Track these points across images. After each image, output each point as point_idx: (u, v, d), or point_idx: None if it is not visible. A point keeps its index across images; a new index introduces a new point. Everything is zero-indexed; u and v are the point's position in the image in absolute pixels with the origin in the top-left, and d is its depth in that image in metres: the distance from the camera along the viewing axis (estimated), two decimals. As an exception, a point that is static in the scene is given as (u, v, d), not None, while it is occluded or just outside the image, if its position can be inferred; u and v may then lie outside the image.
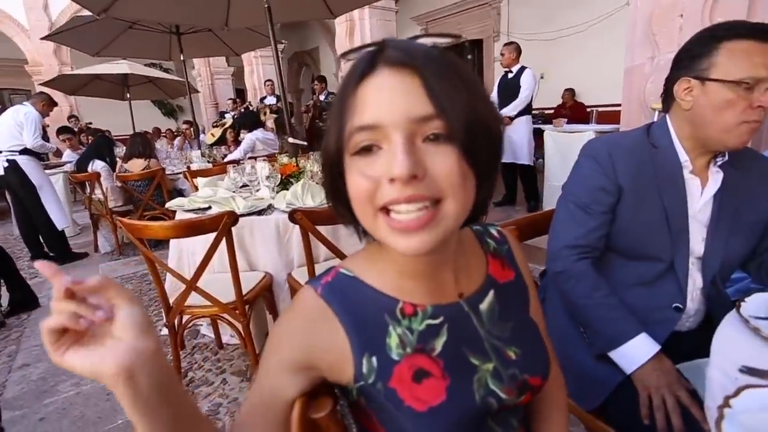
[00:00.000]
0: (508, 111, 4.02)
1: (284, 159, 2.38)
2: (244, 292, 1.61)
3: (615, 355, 0.87)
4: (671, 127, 0.91)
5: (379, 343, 0.49)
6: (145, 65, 6.19)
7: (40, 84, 5.75)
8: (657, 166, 0.90)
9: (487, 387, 0.51)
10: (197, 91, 8.53)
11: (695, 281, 0.92)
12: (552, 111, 6.52)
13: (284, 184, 2.15)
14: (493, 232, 0.63)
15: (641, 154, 0.92)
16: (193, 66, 9.52)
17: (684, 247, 0.89)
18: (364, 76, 0.42)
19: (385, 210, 0.41)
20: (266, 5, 2.64)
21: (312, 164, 2.29)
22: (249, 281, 1.73)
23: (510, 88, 4.07)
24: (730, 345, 0.75)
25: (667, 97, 0.91)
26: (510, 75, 4.12)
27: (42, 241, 3.72)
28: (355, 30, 5.52)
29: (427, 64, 0.41)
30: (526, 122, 4.13)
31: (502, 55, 4.15)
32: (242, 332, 1.67)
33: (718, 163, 0.89)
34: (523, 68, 4.04)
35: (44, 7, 7.43)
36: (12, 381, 2.03)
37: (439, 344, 0.50)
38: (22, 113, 3.46)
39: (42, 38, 4.69)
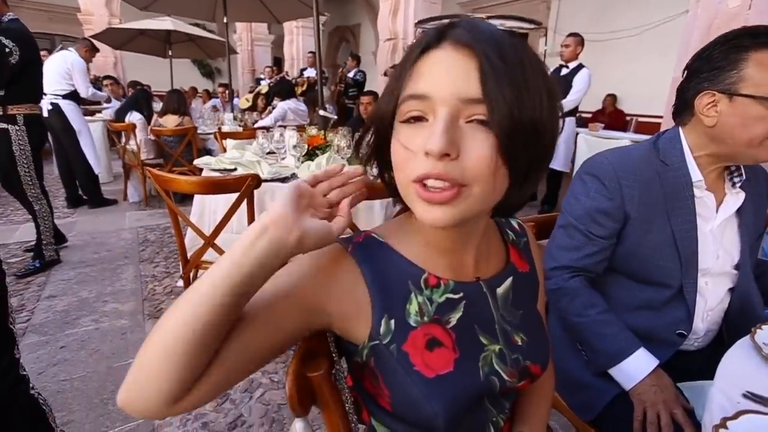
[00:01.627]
0: None
1: (313, 130, 2.40)
2: (259, 255, 1.66)
3: (613, 371, 0.85)
4: (685, 142, 0.86)
5: (399, 307, 0.50)
6: (189, 24, 6.27)
7: (90, 37, 5.91)
8: (666, 185, 0.85)
9: (492, 366, 0.53)
10: (236, 53, 8.59)
11: (707, 301, 0.89)
12: (591, 115, 6.31)
13: (310, 155, 2.18)
14: (514, 224, 0.65)
15: (648, 172, 0.87)
16: (235, 30, 9.58)
17: (693, 270, 0.86)
18: (428, 48, 0.44)
19: (418, 181, 0.43)
20: (313, -26, 2.63)
21: (339, 138, 2.31)
22: (265, 245, 1.78)
23: (561, 85, 3.69)
24: (738, 369, 0.74)
25: (684, 110, 0.86)
26: (564, 70, 3.77)
27: (77, 183, 3.89)
28: (399, 10, 5.42)
29: (489, 49, 0.41)
30: (569, 124, 3.80)
31: (564, 46, 3.75)
32: (253, 293, 1.72)
33: (738, 184, 0.86)
34: (580, 66, 3.69)
35: (100, -44, 7.57)
36: (39, 309, 2.16)
37: (454, 318, 0.52)
38: (69, 61, 3.59)
39: (94, -13, 4.80)
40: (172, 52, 6.17)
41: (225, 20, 4.59)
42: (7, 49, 2.13)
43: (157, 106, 4.63)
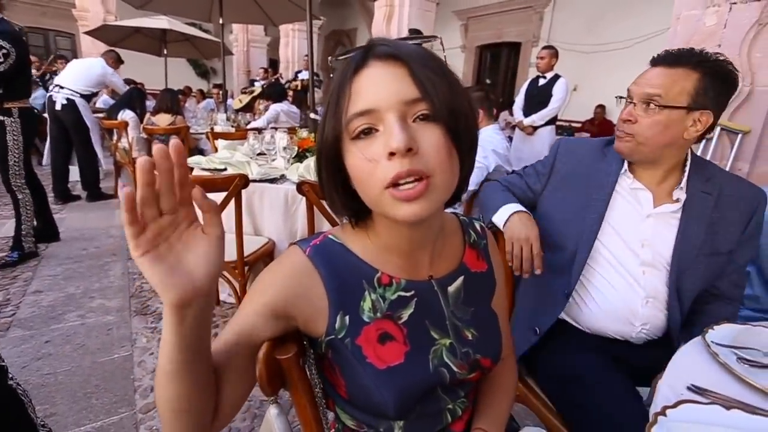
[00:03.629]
0: (536, 120, 3.90)
1: (303, 133, 2.44)
2: (246, 254, 1.69)
3: (495, 219, 1.05)
4: None
5: (354, 304, 0.55)
6: (185, 24, 6.28)
7: (85, 33, 5.90)
8: (596, 168, 1.03)
9: (442, 359, 0.57)
10: (231, 54, 8.61)
11: (645, 289, 0.98)
12: (580, 125, 6.42)
13: (300, 157, 2.21)
14: (477, 225, 0.68)
15: (587, 157, 1.06)
16: (231, 31, 9.60)
17: (591, 238, 1.01)
18: (357, 69, 0.48)
19: (392, 185, 0.46)
20: (307, -21, 2.68)
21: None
22: (252, 244, 1.81)
23: (540, 95, 3.94)
24: (686, 365, 0.79)
25: None
26: (542, 81, 3.97)
27: (79, 178, 4.00)
28: (394, 16, 5.50)
29: (412, 56, 0.47)
30: (549, 133, 3.97)
31: (540, 58, 3.98)
32: (239, 291, 1.75)
33: (675, 196, 0.97)
34: (557, 76, 3.89)
35: (96, -47, 7.55)
36: (25, 304, 2.17)
37: (406, 314, 0.57)
38: (103, 70, 3.87)
39: (90, -16, 4.81)
40: (167, 50, 6.17)
41: (221, 21, 4.62)
42: (4, 51, 2.18)
43: (151, 104, 4.65)
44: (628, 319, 0.98)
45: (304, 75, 6.74)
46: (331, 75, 6.08)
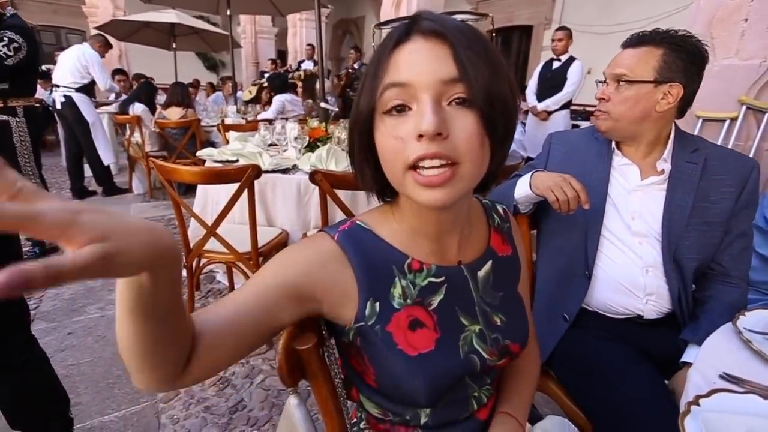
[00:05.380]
0: (550, 105, 3.81)
1: (314, 122, 2.42)
2: (259, 245, 1.69)
3: (517, 195, 1.02)
4: None
5: (384, 290, 0.53)
6: (193, 17, 6.27)
7: (95, 28, 5.94)
8: (590, 150, 1.07)
9: (472, 345, 0.56)
10: (239, 46, 8.60)
11: (642, 257, 0.99)
12: (595, 108, 6.27)
13: (311, 147, 2.20)
14: (499, 209, 0.67)
15: (579, 142, 1.12)
16: (239, 23, 9.56)
17: (599, 219, 1.02)
18: (399, 42, 0.46)
19: (414, 167, 0.45)
20: (315, -34, 2.63)
21: (340, 130, 2.33)
22: (266, 235, 1.81)
23: (555, 78, 3.82)
24: (717, 352, 0.76)
25: None
26: (556, 64, 3.86)
27: (92, 174, 4.02)
28: (403, 2, 5.40)
29: (457, 35, 0.44)
30: (564, 117, 3.89)
31: (557, 40, 3.84)
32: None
33: (659, 167, 0.99)
34: (572, 59, 3.78)
35: (104, -51, 7.58)
36: (47, 297, 2.22)
37: (436, 300, 0.55)
38: (86, 55, 3.70)
39: (99, -21, 4.82)
40: (176, 44, 6.18)
41: (228, 13, 4.60)
42: (15, 45, 2.19)
43: (161, 98, 4.67)
44: (631, 290, 1.00)
45: (308, 65, 6.71)
46: (353, 65, 6.03)
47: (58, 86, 3.70)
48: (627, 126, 0.98)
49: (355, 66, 6.06)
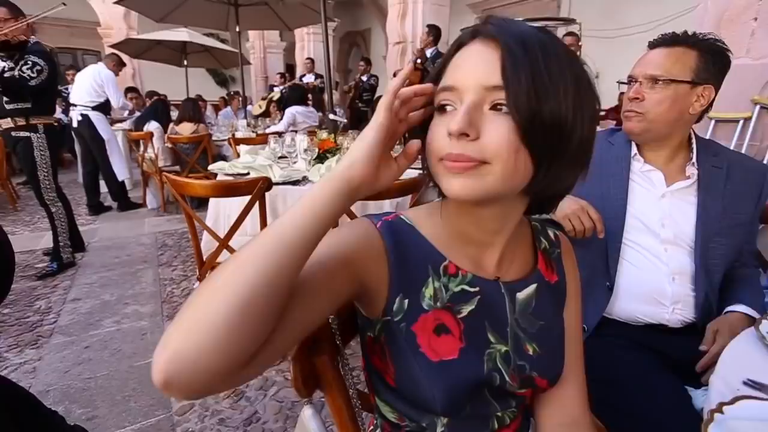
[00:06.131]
0: None
1: (323, 134, 2.44)
2: (271, 256, 1.70)
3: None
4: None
5: (415, 288, 0.53)
6: (204, 35, 6.42)
7: (109, 46, 6.12)
8: (606, 157, 1.04)
9: (495, 364, 0.54)
10: (249, 63, 8.76)
11: (668, 265, 0.97)
12: (604, 113, 6.22)
13: (321, 158, 2.22)
14: (550, 233, 0.65)
15: (596, 146, 1.04)
16: (248, 39, 9.76)
17: (619, 227, 1.00)
18: (461, 45, 0.48)
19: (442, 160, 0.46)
20: (321, -19, 2.69)
21: (349, 141, 2.35)
22: (277, 247, 1.82)
23: None
24: (740, 358, 0.74)
25: None
26: None
27: (107, 189, 4.14)
28: (408, 13, 5.47)
29: (511, 41, 0.44)
30: None
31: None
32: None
33: (688, 171, 0.99)
34: None
35: (117, -28, 7.84)
36: (65, 311, 2.26)
37: (465, 309, 0.54)
38: (102, 75, 3.86)
39: (115, 2, 4.99)
40: (187, 61, 6.33)
41: (237, 29, 4.70)
42: (38, 67, 2.37)
43: (174, 114, 4.77)
44: (657, 298, 0.97)
45: (309, 78, 6.79)
46: (361, 77, 6.10)
47: (75, 105, 3.85)
48: (661, 128, 0.96)
49: (364, 78, 6.13)
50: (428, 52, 4.40)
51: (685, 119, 0.94)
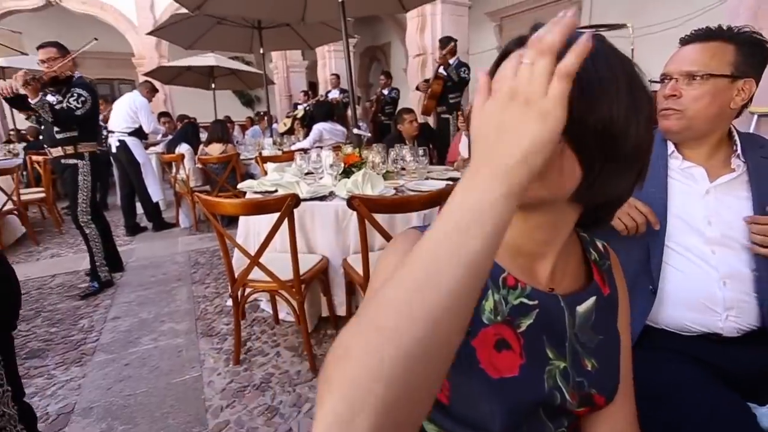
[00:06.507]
0: None
1: (348, 149, 2.47)
2: (301, 272, 1.72)
3: None
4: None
5: None
6: (229, 58, 6.67)
7: (143, 74, 6.45)
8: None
9: (555, 381, 0.52)
10: (273, 83, 9.02)
11: (718, 269, 0.91)
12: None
13: (346, 173, 2.24)
14: (599, 244, 0.63)
15: None
16: (271, 59, 10.06)
17: (659, 234, 0.95)
18: (506, 54, 0.45)
19: None
20: (340, 0, 2.74)
21: (374, 155, 2.36)
22: (307, 262, 1.84)
23: None
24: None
25: None
26: None
27: (141, 210, 4.33)
28: (427, 25, 5.51)
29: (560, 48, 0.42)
30: None
31: None
32: (297, 309, 1.78)
33: (732, 164, 0.95)
34: None
35: (150, 7, 8.30)
36: (106, 329, 2.34)
37: (525, 324, 0.52)
38: (137, 102, 4.10)
39: (147, 33, 5.26)
40: (215, 84, 6.58)
41: (261, 51, 4.85)
42: (82, 98, 2.58)
43: (204, 136, 4.95)
44: (707, 305, 0.91)
45: (334, 94, 6.91)
46: (382, 91, 6.14)
47: (113, 132, 4.08)
48: (701, 125, 0.93)
49: (385, 91, 6.18)
50: (450, 62, 4.40)
51: (725, 114, 0.92)
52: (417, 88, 5.20)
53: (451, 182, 2.11)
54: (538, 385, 0.51)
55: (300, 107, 7.00)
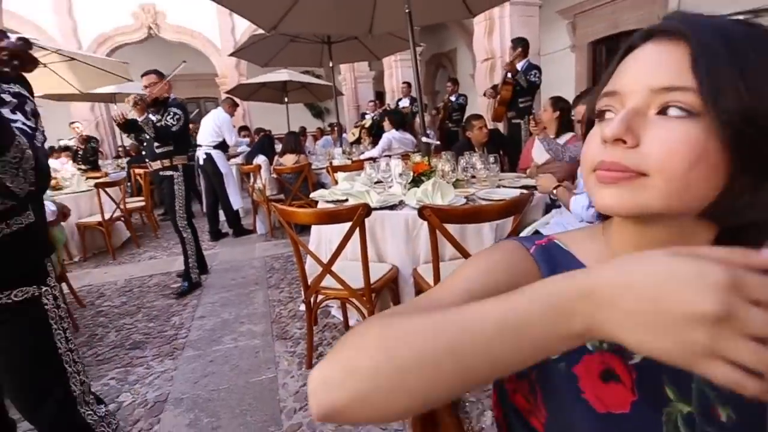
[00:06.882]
0: None
1: (417, 158, 2.47)
2: (372, 281, 1.74)
3: None
4: None
5: None
6: (300, 72, 7.04)
7: (225, 92, 7.04)
8: None
9: (676, 427, 0.44)
10: (342, 94, 9.36)
11: None
12: None
13: (416, 182, 2.24)
14: None
15: None
16: (339, 71, 10.46)
17: None
18: (631, 48, 0.43)
19: (595, 170, 0.42)
20: (407, 10, 2.76)
21: (443, 163, 2.34)
22: (377, 271, 1.86)
23: None
24: None
25: None
26: None
27: (223, 217, 4.70)
28: (495, 29, 5.38)
29: (706, 35, 0.37)
30: None
31: None
32: (367, 317, 1.80)
33: None
34: None
35: (231, 30, 9.08)
36: (194, 327, 2.56)
37: (638, 356, 0.44)
38: (219, 118, 4.51)
39: (229, 54, 5.74)
40: (288, 98, 6.98)
41: (330, 64, 5.06)
42: (177, 116, 2.92)
43: (278, 147, 5.25)
44: None
45: (404, 102, 6.97)
46: (449, 98, 6.10)
47: (200, 146, 4.50)
48: None
49: (452, 98, 6.12)
50: (519, 65, 4.25)
51: None
52: (484, 95, 5.08)
53: (524, 190, 2.02)
54: (653, 428, 0.44)
55: (368, 116, 7.17)
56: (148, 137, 2.94)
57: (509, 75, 4.24)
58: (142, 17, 8.58)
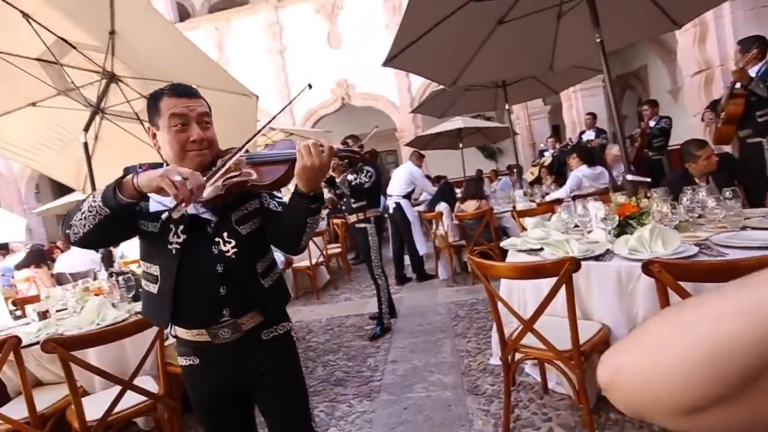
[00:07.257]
0: None
1: (621, 198, 2.14)
2: (580, 342, 1.53)
3: None
4: None
5: None
6: (471, 116, 7.19)
7: (404, 144, 7.71)
8: None
9: None
10: (517, 134, 9.14)
11: None
12: None
13: (622, 227, 1.93)
14: None
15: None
16: (512, 110, 10.30)
17: None
18: None
19: None
20: (598, 39, 2.53)
21: (659, 203, 1.96)
22: (585, 330, 1.63)
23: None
24: None
25: None
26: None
27: (409, 262, 4.99)
28: (709, 33, 4.47)
29: None
30: None
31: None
32: (576, 385, 1.57)
33: None
34: None
35: (408, 88, 10.06)
36: (387, 371, 2.69)
37: None
38: (411, 171, 5.00)
39: (410, 112, 6.33)
40: (462, 143, 7.18)
41: (507, 107, 5.01)
42: (369, 174, 3.31)
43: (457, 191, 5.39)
44: None
45: (589, 135, 6.31)
46: (648, 122, 5.27)
47: (391, 195, 4.96)
48: None
49: (651, 123, 5.26)
50: (753, 71, 3.37)
51: None
52: (702, 120, 4.16)
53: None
54: None
55: (546, 154, 6.77)
56: (346, 193, 3.38)
57: (738, 85, 3.40)
58: (338, 91, 10.30)
